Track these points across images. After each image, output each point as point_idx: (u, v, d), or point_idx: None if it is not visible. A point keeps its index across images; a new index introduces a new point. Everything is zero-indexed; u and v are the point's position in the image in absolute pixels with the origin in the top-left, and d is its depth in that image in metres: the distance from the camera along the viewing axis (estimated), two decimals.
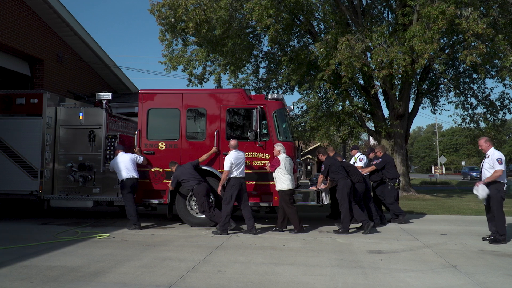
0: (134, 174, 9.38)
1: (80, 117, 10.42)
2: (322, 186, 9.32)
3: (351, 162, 11.11)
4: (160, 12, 16.43)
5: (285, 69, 18.87)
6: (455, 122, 24.00)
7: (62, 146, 10.51)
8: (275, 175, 8.73)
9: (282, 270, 5.70)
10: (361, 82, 19.32)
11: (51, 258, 6.31)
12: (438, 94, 22.12)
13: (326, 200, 9.42)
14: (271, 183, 9.16)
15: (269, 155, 9.25)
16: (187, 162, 9.29)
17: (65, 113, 10.60)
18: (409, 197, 17.88)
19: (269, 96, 9.79)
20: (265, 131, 9.42)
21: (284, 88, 21.93)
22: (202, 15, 15.79)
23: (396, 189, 10.42)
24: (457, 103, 21.55)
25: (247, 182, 9.06)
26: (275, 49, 20.03)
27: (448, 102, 29.28)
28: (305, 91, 19.51)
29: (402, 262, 6.28)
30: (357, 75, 17.25)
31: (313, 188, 9.48)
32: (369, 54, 17.05)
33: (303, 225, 9.08)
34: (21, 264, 5.91)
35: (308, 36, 19.80)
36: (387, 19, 19.23)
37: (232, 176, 8.61)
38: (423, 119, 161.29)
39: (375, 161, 10.56)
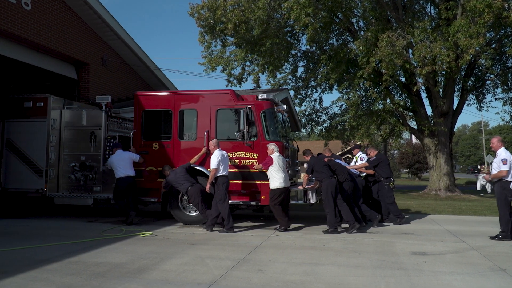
0: (130, 172, 9.75)
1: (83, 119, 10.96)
2: (310, 185, 9.36)
3: (353, 161, 11.01)
4: (200, 14, 16.71)
5: (323, 67, 18.70)
6: (503, 120, 22.94)
7: (66, 146, 11.02)
8: (268, 173, 8.85)
9: (322, 270, 5.66)
10: (403, 79, 18.88)
11: (98, 255, 6.54)
12: (484, 91, 21.29)
13: (313, 199, 9.41)
14: (257, 182, 9.30)
15: (257, 155, 9.36)
16: (179, 167, 9.50)
17: (69, 115, 11.10)
18: (454, 198, 17.29)
19: (259, 97, 9.84)
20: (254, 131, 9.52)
21: (323, 87, 21.76)
22: (240, 16, 15.93)
23: (392, 188, 10.21)
24: (505, 99, 20.67)
25: (235, 181, 9.37)
26: (314, 47, 19.90)
27: (495, 99, 28.18)
28: (345, 90, 19.27)
29: (448, 264, 6.08)
30: (398, 72, 16.88)
31: (300, 187, 9.50)
32: (410, 51, 16.65)
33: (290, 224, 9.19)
34: (70, 260, 6.16)
35: (347, 34, 19.54)
36: (429, 14, 18.69)
37: (219, 175, 8.81)
38: (468, 117, 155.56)
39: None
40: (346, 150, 28.90)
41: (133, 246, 7.23)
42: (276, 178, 8.74)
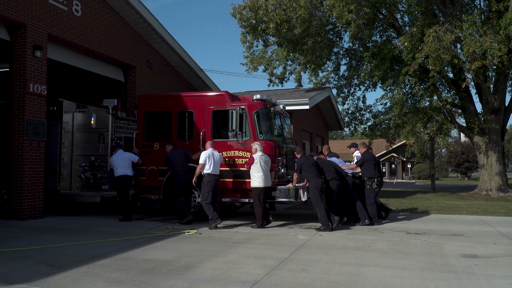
0: (128, 171, 10.20)
1: (92, 122, 11.50)
2: (301, 184, 9.43)
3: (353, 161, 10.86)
4: (242, 14, 16.85)
5: (367, 65, 18.37)
6: None
7: (78, 147, 11.67)
8: (250, 172, 9.12)
9: (368, 271, 5.57)
10: (450, 75, 18.22)
11: (145, 252, 6.75)
12: None
13: (304, 197, 9.47)
14: (249, 180, 9.42)
15: (250, 154, 9.48)
16: (182, 149, 10.00)
17: (81, 118, 11.74)
18: (507, 198, 16.48)
19: (254, 97, 10.07)
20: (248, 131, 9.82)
21: (366, 85, 21.39)
22: (282, 15, 15.94)
23: (375, 189, 9.84)
24: None
25: (229, 180, 9.82)
26: (357, 45, 19.61)
27: None
28: (389, 87, 18.86)
29: (501, 268, 5.81)
30: (446, 68, 16.32)
31: (291, 185, 9.56)
32: (459, 46, 16.05)
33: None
34: (119, 256, 6.39)
35: (391, 30, 19.10)
36: (478, 6, 17.93)
37: (207, 173, 9.14)
38: None
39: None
40: (390, 149, 28.26)
41: (178, 244, 7.40)
42: (255, 177, 9.05)
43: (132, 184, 10.63)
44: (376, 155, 58.79)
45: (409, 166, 55.55)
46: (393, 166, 60.42)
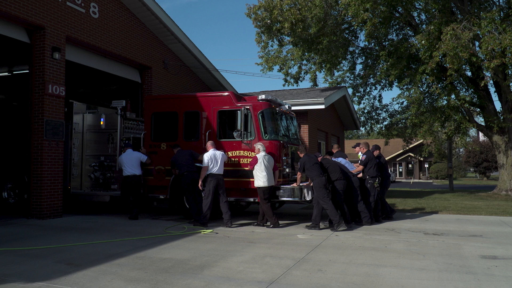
0: (136, 171, 10.36)
1: (101, 122, 11.72)
2: (305, 183, 9.50)
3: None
4: (256, 14, 16.85)
5: (383, 64, 18.20)
6: None
7: (88, 148, 11.92)
8: (253, 172, 9.22)
9: (385, 272, 5.52)
10: (469, 73, 17.95)
11: (162, 251, 6.80)
12: None
13: (308, 196, 9.52)
14: (253, 180, 9.46)
15: (255, 153, 9.50)
16: (189, 150, 10.10)
17: (91, 119, 11.96)
18: None
19: (259, 97, 10.14)
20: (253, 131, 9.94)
21: (382, 84, 21.22)
22: (297, 15, 15.90)
23: (376, 187, 9.87)
24: None
25: (235, 179, 9.93)
26: (372, 43, 19.45)
27: None
28: (406, 86, 18.66)
29: None
30: (464, 66, 16.05)
31: (295, 184, 9.57)
32: (477, 43, 15.79)
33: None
34: (136, 255, 6.45)
35: (408, 28, 18.89)
36: (497, 3, 17.60)
37: (210, 173, 9.29)
38: None
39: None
40: (407, 148, 27.95)
41: (195, 243, 7.44)
42: (259, 177, 9.14)
43: (142, 183, 10.77)
44: (393, 155, 58.29)
45: (426, 166, 54.89)
46: (410, 166, 59.76)
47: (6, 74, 14.54)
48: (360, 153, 10.68)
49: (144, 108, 11.39)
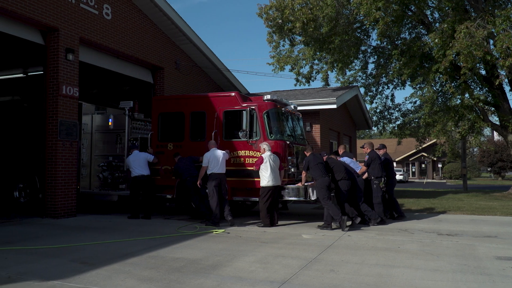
0: (144, 171, 10.47)
1: (110, 123, 11.85)
2: (310, 182, 9.49)
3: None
4: (268, 14, 16.85)
5: (395, 63, 18.04)
6: None
7: (97, 148, 12.06)
8: (259, 172, 9.26)
9: (398, 273, 5.48)
10: (483, 72, 17.70)
11: (174, 250, 6.84)
12: None
13: (313, 195, 9.49)
14: (258, 179, 9.50)
15: (260, 153, 9.53)
16: (189, 156, 10.32)
17: (99, 120, 12.09)
18: None
19: (265, 98, 10.15)
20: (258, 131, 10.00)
21: (394, 83, 21.05)
22: (308, 14, 15.85)
23: (382, 188, 9.80)
24: None
25: (240, 179, 10.00)
26: (385, 43, 19.30)
27: None
28: (418, 85, 18.47)
29: None
30: (478, 65, 15.84)
31: (300, 184, 9.57)
32: (491, 41, 15.57)
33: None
34: (149, 255, 6.50)
35: (421, 26, 18.71)
36: None
37: (211, 172, 9.37)
38: None
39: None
40: (420, 148, 27.68)
41: (207, 243, 7.47)
42: (264, 177, 9.18)
43: (150, 183, 10.86)
44: (406, 155, 57.78)
45: (439, 165, 54.36)
46: (423, 165, 59.22)
47: (21, 75, 14.74)
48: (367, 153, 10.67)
49: (152, 108, 11.49)
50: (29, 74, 14.52)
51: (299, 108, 16.11)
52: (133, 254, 6.48)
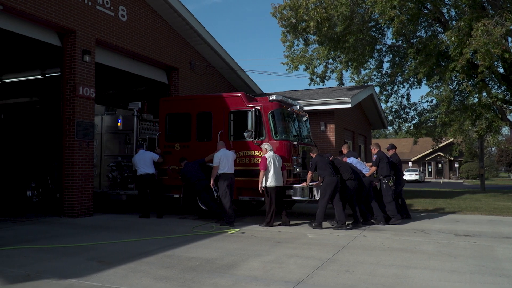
0: (149, 170, 10.59)
1: (119, 124, 12.02)
2: (315, 182, 9.57)
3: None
4: (282, 14, 16.81)
5: (411, 61, 17.84)
6: None
7: (106, 148, 12.21)
8: (264, 172, 9.30)
9: (414, 274, 5.42)
10: (501, 70, 17.39)
11: (190, 250, 6.88)
12: None
13: (318, 195, 9.49)
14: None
15: (263, 154, 9.57)
16: (195, 160, 10.37)
17: (109, 120, 12.26)
18: None
19: (270, 98, 10.22)
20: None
21: (410, 82, 20.81)
22: (323, 13, 15.77)
23: (391, 186, 9.78)
24: None
25: (245, 179, 10.03)
26: (400, 41, 19.08)
27: None
28: (435, 84, 18.23)
29: None
30: (496, 63, 15.58)
31: (305, 184, 9.59)
32: (510, 39, 15.30)
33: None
34: (164, 254, 6.55)
35: (437, 24, 18.44)
36: None
37: (222, 172, 9.42)
38: None
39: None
40: (437, 147, 27.35)
41: (222, 243, 7.50)
42: (269, 177, 9.21)
43: (156, 181, 11.02)
44: (422, 154, 57.20)
45: (456, 165, 53.63)
46: (439, 165, 58.50)
47: (39, 76, 14.99)
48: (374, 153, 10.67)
49: (159, 109, 11.62)
50: (46, 75, 14.77)
51: (313, 108, 16.11)
52: (149, 253, 6.54)
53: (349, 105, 15.93)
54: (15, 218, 10.67)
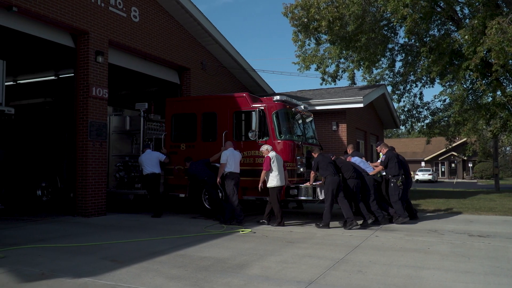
0: (155, 170, 10.73)
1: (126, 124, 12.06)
2: (318, 182, 9.65)
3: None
4: (293, 13, 16.78)
5: (424, 60, 17.68)
6: None
7: (114, 148, 12.27)
8: (268, 172, 9.36)
9: (427, 275, 5.38)
10: None
11: (202, 249, 6.91)
12: None
13: (321, 195, 9.64)
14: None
15: (264, 155, 9.59)
16: (200, 160, 10.44)
17: (116, 121, 12.32)
18: None
19: (274, 98, 10.27)
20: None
21: (423, 81, 20.62)
22: (334, 13, 15.72)
23: (400, 186, 9.69)
24: None
25: (250, 178, 10.03)
26: (413, 40, 18.92)
27: None
28: (448, 83, 18.04)
29: None
30: (510, 61, 15.37)
31: (308, 184, 9.61)
32: None
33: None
34: (177, 253, 6.58)
35: (450, 23, 18.25)
36: None
37: (228, 171, 9.50)
38: None
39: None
40: (450, 147, 27.07)
41: (234, 243, 7.51)
42: (272, 177, 9.28)
43: (161, 181, 11.12)
44: (435, 154, 56.60)
45: (470, 165, 53.01)
46: (453, 165, 57.89)
47: (53, 77, 15.19)
48: (381, 153, 10.62)
49: (165, 110, 11.72)
50: (60, 76, 14.96)
51: (325, 107, 16.06)
52: (161, 253, 6.58)
53: (361, 105, 15.84)
54: (29, 217, 10.81)
